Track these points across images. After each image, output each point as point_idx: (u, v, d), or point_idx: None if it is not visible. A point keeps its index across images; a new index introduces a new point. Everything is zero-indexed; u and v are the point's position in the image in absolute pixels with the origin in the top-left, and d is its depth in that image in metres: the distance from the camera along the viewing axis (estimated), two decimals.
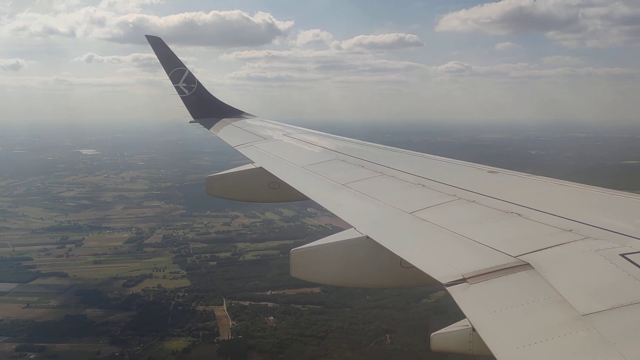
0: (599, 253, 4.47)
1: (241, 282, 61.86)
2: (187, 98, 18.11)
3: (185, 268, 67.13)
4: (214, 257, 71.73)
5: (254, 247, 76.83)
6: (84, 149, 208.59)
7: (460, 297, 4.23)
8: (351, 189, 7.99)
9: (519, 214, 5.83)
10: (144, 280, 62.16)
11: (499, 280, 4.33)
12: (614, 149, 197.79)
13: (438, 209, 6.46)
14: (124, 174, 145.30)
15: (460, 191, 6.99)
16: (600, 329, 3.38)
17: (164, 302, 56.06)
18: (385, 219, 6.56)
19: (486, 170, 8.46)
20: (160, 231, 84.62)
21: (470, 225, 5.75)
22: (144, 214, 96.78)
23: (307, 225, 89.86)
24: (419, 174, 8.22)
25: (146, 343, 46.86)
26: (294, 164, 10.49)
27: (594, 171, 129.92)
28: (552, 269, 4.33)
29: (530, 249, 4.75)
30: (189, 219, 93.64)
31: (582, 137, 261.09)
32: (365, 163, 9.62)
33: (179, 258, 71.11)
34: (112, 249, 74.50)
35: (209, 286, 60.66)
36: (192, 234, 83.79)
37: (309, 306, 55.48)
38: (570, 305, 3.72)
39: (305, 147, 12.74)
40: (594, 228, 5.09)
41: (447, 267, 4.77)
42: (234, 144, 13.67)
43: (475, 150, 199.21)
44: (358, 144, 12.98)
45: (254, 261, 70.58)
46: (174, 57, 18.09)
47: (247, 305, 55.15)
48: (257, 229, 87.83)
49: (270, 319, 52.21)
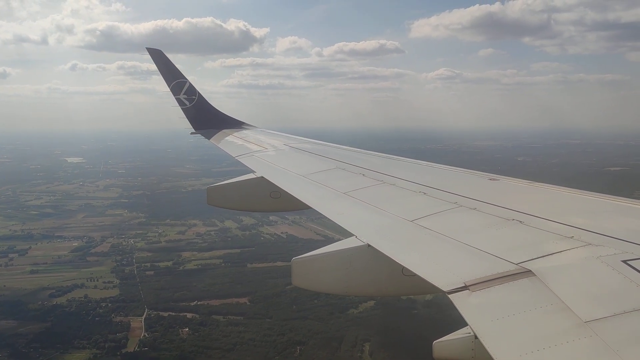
0: (601, 259, 4.47)
1: (170, 292, 60.97)
2: (188, 110, 18.30)
3: (121, 278, 66.35)
4: (153, 266, 70.93)
5: (199, 257, 76.02)
6: (70, 157, 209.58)
7: (462, 304, 4.19)
8: (352, 197, 8.03)
9: (520, 221, 5.85)
10: (73, 291, 61.40)
11: (501, 287, 4.33)
12: (602, 155, 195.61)
13: (439, 217, 6.49)
14: (100, 182, 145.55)
15: (461, 199, 7.02)
16: (603, 335, 3.39)
17: (83, 313, 55.25)
18: (386, 227, 6.57)
19: (487, 178, 8.49)
20: (111, 240, 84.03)
21: (471, 233, 5.75)
22: (102, 223, 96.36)
23: (261, 234, 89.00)
24: (419, 182, 8.29)
25: (47, 356, 45.99)
26: (294, 173, 10.57)
27: (573, 178, 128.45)
28: (554, 275, 4.34)
29: (532, 256, 4.76)
30: (146, 228, 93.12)
31: (575, 144, 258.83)
32: (366, 171, 9.66)
33: (118, 267, 70.39)
34: (54, 259, 73.96)
35: (136, 296, 59.85)
36: (142, 243, 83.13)
37: (229, 317, 54.45)
38: (573, 312, 3.73)
39: (306, 157, 12.79)
40: (596, 234, 5.09)
41: (448, 274, 4.77)
42: (234, 154, 13.84)
43: (463, 157, 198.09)
44: (359, 152, 13.02)
45: (192, 270, 69.73)
46: (174, 69, 18.22)
47: (166, 316, 54.18)
48: (210, 237, 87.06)
49: (184, 330, 51.21)
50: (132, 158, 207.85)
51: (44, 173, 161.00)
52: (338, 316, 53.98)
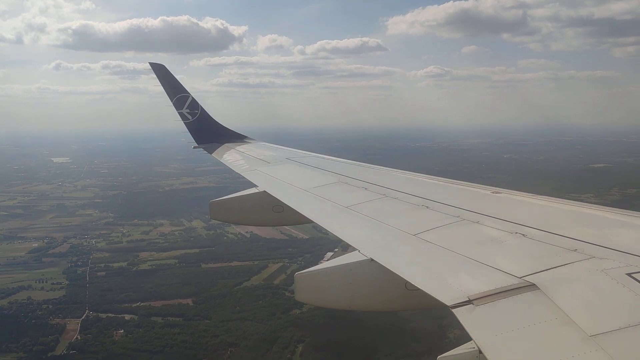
0: (605, 273, 4.46)
1: (116, 293, 60.24)
2: (191, 124, 18.37)
3: (70, 279, 65.65)
4: (107, 267, 70.21)
5: (156, 257, 75.30)
6: (56, 157, 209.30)
7: (466, 319, 4.16)
8: (355, 211, 8.00)
9: (523, 234, 5.82)
10: (19, 292, 60.67)
11: (505, 301, 4.31)
12: (590, 152, 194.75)
13: (442, 231, 6.47)
14: (80, 182, 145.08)
15: (464, 212, 7.02)
16: (608, 349, 3.37)
17: (22, 316, 54.54)
18: (389, 241, 6.54)
19: (490, 191, 8.50)
20: (72, 240, 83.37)
21: (474, 247, 5.72)
22: (69, 223, 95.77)
23: (226, 234, 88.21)
24: (422, 196, 8.28)
25: None
26: (297, 187, 10.59)
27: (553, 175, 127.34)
28: (558, 289, 4.32)
29: (536, 269, 4.74)
30: (112, 228, 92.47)
31: (566, 141, 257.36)
32: (368, 185, 9.66)
33: (72, 268, 69.72)
34: (9, 260, 73.32)
35: (80, 298, 59.12)
36: (104, 243, 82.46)
37: (169, 318, 53.69)
38: (577, 326, 3.71)
39: (308, 171, 12.80)
40: (600, 247, 5.07)
41: (452, 289, 4.75)
42: (237, 168, 13.99)
43: (450, 154, 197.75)
44: (360, 166, 13.00)
45: (145, 271, 68.99)
46: (177, 84, 18.30)
47: (104, 318, 53.46)
48: (173, 237, 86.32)
49: (119, 332, 50.47)
50: (118, 158, 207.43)
51: (26, 173, 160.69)
52: (279, 317, 53.15)
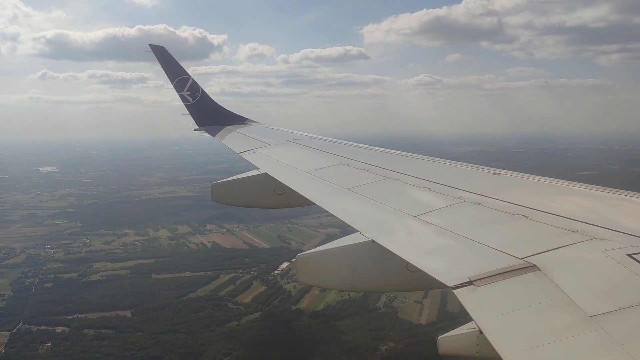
0: (606, 254, 4.45)
1: (54, 305, 59.10)
2: (192, 106, 18.23)
3: (15, 290, 64.60)
4: (57, 278, 69.13)
5: (110, 267, 74.13)
6: (43, 167, 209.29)
7: (467, 299, 4.15)
8: (356, 193, 7.99)
9: (524, 215, 5.81)
10: None
11: (506, 282, 4.30)
12: (579, 160, 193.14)
13: (443, 212, 6.44)
14: (59, 191, 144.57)
15: (466, 194, 6.99)
16: (608, 330, 3.36)
17: None
18: (391, 223, 6.50)
19: (491, 173, 8.45)
20: (31, 251, 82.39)
21: (475, 228, 5.68)
22: (34, 233, 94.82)
23: (187, 243, 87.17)
24: (424, 177, 8.24)
25: None
26: (298, 169, 10.52)
27: None
28: (559, 270, 4.31)
29: (537, 250, 4.72)
30: (76, 238, 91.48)
31: (558, 149, 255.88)
32: (370, 167, 9.66)
33: (20, 279, 68.67)
34: None
35: (17, 310, 58.04)
36: (62, 254, 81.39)
37: (101, 331, 52.49)
38: (578, 306, 3.69)
39: (310, 153, 12.68)
40: (600, 228, 5.05)
41: (453, 269, 4.73)
42: (238, 150, 13.87)
43: None
44: (362, 148, 12.86)
45: (93, 282, 67.84)
46: (177, 65, 17.98)
47: (34, 331, 52.33)
48: (133, 247, 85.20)
49: (46, 345, 49.32)
50: (105, 167, 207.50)
51: (9, 183, 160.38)
52: (213, 330, 51.92)
